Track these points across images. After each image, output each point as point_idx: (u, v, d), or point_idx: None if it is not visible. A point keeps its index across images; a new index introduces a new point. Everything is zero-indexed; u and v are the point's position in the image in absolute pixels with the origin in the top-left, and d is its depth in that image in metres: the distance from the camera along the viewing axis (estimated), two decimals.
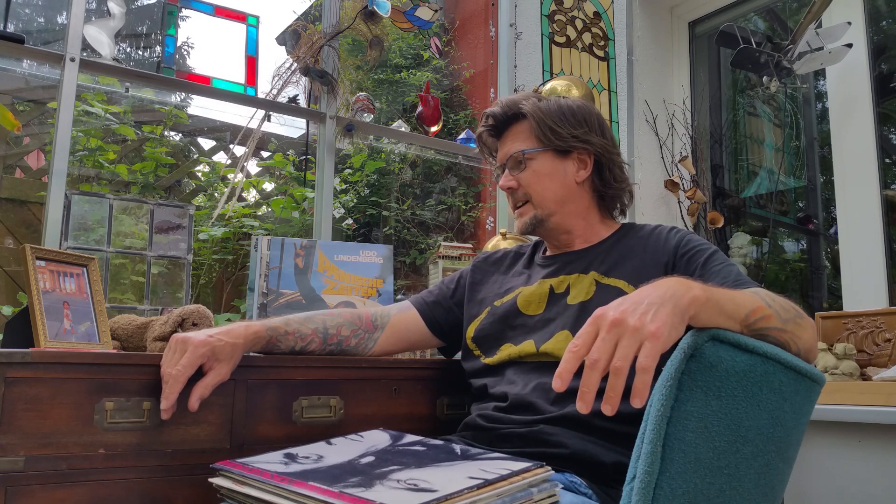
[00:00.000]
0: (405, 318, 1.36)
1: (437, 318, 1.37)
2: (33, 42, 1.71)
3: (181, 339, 1.05)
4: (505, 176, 1.31)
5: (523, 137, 1.30)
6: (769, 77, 2.01)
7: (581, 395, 0.74)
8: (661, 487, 0.80)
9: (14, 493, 0.95)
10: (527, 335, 1.21)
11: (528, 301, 1.25)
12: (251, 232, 2.59)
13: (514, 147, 1.30)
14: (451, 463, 0.90)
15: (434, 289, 1.43)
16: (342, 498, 0.75)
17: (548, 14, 2.34)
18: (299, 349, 1.22)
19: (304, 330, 1.23)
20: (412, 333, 1.36)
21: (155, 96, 2.84)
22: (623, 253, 1.23)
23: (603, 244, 1.28)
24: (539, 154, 1.28)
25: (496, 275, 1.38)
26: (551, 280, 1.26)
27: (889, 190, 1.95)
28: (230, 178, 2.89)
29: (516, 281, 1.33)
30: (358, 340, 1.30)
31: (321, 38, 2.13)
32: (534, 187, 1.28)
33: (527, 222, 1.29)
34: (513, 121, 1.32)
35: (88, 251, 1.52)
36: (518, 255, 1.41)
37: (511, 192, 1.31)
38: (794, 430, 0.92)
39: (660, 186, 2.43)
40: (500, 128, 1.34)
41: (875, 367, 1.62)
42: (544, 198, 1.28)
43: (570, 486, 0.98)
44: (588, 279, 1.22)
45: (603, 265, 1.23)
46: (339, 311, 1.32)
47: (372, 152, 3.27)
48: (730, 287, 1.00)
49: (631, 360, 0.73)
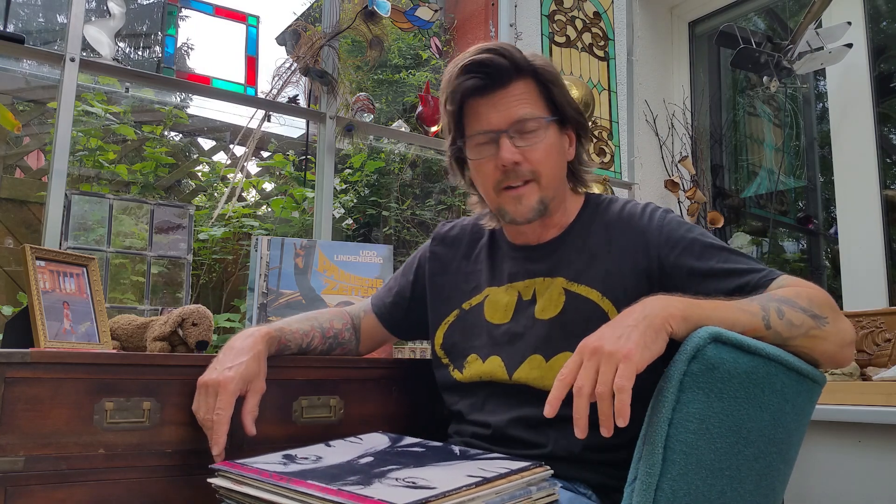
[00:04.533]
0: (368, 321, 1.32)
1: (397, 321, 1.30)
2: (33, 42, 1.70)
3: (210, 383, 1.02)
4: (507, 147, 1.04)
5: (530, 100, 1.06)
6: (769, 77, 2.01)
7: (575, 422, 0.78)
8: (661, 489, 0.80)
9: (14, 493, 0.95)
10: (493, 349, 1.11)
11: (495, 309, 1.14)
12: (251, 232, 2.59)
13: (522, 111, 1.05)
14: (449, 462, 0.90)
15: (393, 285, 1.31)
16: (340, 495, 0.75)
17: (548, 14, 2.34)
18: (305, 346, 1.21)
19: (304, 327, 1.21)
20: (378, 335, 1.32)
21: (155, 96, 2.85)
22: (593, 249, 1.09)
23: (571, 232, 1.13)
24: (550, 125, 1.07)
25: (457, 261, 1.23)
26: (518, 285, 1.13)
27: (889, 190, 1.95)
28: (230, 178, 2.89)
29: (482, 274, 1.19)
30: (349, 335, 1.28)
31: (321, 38, 2.13)
32: (545, 164, 1.06)
33: (535, 207, 1.07)
34: (516, 75, 1.06)
35: (88, 251, 1.52)
36: (476, 235, 1.24)
37: (513, 169, 1.05)
38: (795, 431, 0.92)
39: (660, 186, 2.43)
40: (494, 84, 1.06)
41: (875, 367, 1.62)
42: (553, 177, 1.08)
43: (569, 486, 0.98)
44: (556, 287, 1.09)
45: (572, 267, 1.09)
46: (324, 310, 1.31)
47: (372, 152, 3.27)
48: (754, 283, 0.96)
49: (611, 384, 0.77)
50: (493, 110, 1.06)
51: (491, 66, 1.04)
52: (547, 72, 1.08)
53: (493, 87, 1.06)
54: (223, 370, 1.02)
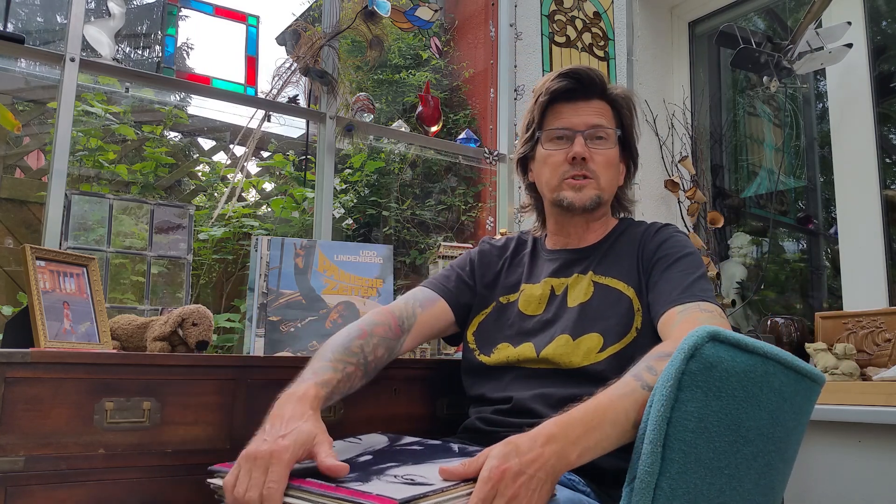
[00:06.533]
0: (433, 314, 1.27)
1: (464, 304, 1.31)
2: (33, 42, 1.71)
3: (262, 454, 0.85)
4: (581, 143, 1.22)
5: (606, 117, 1.26)
6: (769, 77, 2.01)
7: None
8: (661, 488, 0.80)
9: (14, 493, 0.95)
10: (525, 337, 1.20)
11: (529, 302, 1.25)
12: (251, 232, 2.59)
13: (598, 120, 1.24)
14: (448, 460, 0.91)
15: (450, 273, 1.34)
16: (339, 491, 0.76)
17: (548, 14, 2.34)
18: (347, 390, 1.09)
19: (349, 370, 1.08)
20: (435, 328, 1.29)
21: (155, 96, 2.84)
22: (619, 252, 1.24)
23: (604, 241, 1.28)
24: (617, 141, 1.27)
25: (501, 262, 1.35)
26: (553, 281, 1.25)
27: (889, 190, 1.95)
28: (230, 178, 2.89)
29: (521, 275, 1.31)
30: (388, 354, 1.18)
31: (321, 38, 2.13)
32: (605, 169, 1.24)
33: (592, 197, 1.23)
34: (601, 95, 1.27)
35: (88, 251, 1.52)
36: (521, 243, 1.38)
37: (581, 163, 1.22)
38: (794, 430, 0.92)
39: (660, 186, 2.43)
40: (582, 93, 1.26)
41: (875, 367, 1.62)
42: (608, 183, 1.26)
43: (568, 483, 0.98)
44: (586, 279, 1.22)
45: (601, 264, 1.23)
46: (370, 327, 1.17)
47: (372, 152, 3.27)
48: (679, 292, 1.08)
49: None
50: (574, 114, 1.25)
51: (584, 77, 1.24)
52: (624, 99, 1.28)
53: (579, 95, 1.25)
54: (276, 438, 0.88)
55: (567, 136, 1.24)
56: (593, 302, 1.18)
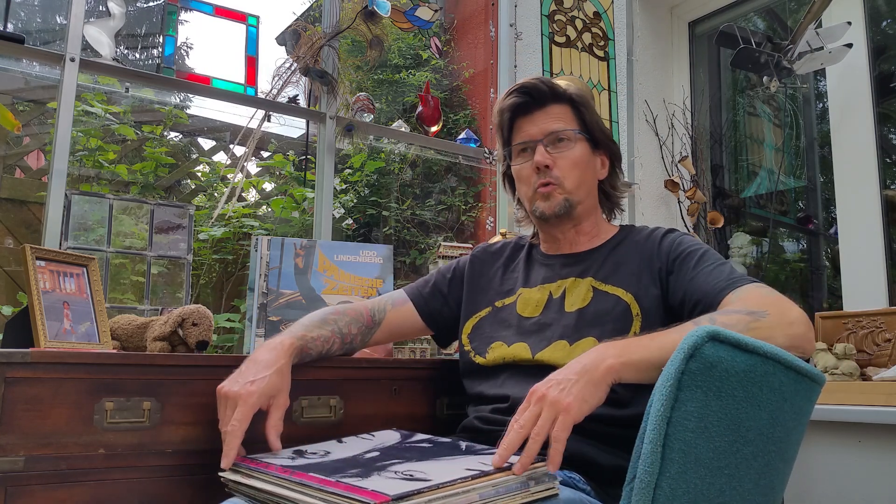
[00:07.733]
0: (401, 313, 1.34)
1: (433, 311, 1.36)
2: (33, 42, 1.71)
3: (231, 395, 1.00)
4: (541, 151, 1.24)
5: (565, 119, 1.26)
6: (769, 77, 2.01)
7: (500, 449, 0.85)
8: (660, 487, 0.80)
9: (14, 493, 0.95)
10: (520, 337, 1.21)
11: (526, 305, 1.25)
12: (251, 232, 2.59)
13: (555, 125, 1.25)
14: (453, 457, 0.92)
15: (430, 279, 1.40)
16: (336, 486, 0.78)
17: (548, 14, 2.34)
18: (325, 352, 1.20)
19: (325, 333, 1.20)
20: (405, 328, 1.35)
21: (155, 96, 2.84)
22: (620, 259, 1.23)
23: (603, 248, 1.27)
24: (580, 139, 1.26)
25: (497, 266, 1.36)
26: (550, 286, 1.25)
27: (889, 190, 1.95)
28: (230, 178, 2.89)
29: (518, 280, 1.31)
30: (362, 337, 1.29)
31: (321, 38, 2.13)
32: (570, 171, 1.24)
33: (560, 203, 1.24)
34: (553, 100, 1.27)
35: (88, 251, 1.52)
36: (517, 248, 1.38)
37: (544, 170, 1.24)
38: (794, 430, 0.92)
39: (660, 186, 2.43)
40: (535, 104, 1.27)
41: (875, 367, 1.62)
42: (577, 184, 1.25)
43: (568, 481, 0.98)
44: (585, 285, 1.21)
45: (601, 271, 1.22)
46: (342, 309, 1.28)
47: (372, 152, 3.28)
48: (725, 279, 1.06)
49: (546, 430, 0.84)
50: (532, 125, 1.26)
51: (532, 89, 1.26)
52: (579, 97, 1.27)
53: (533, 107, 1.27)
54: (245, 383, 1.01)
55: (530, 146, 1.26)
56: (591, 307, 1.18)
